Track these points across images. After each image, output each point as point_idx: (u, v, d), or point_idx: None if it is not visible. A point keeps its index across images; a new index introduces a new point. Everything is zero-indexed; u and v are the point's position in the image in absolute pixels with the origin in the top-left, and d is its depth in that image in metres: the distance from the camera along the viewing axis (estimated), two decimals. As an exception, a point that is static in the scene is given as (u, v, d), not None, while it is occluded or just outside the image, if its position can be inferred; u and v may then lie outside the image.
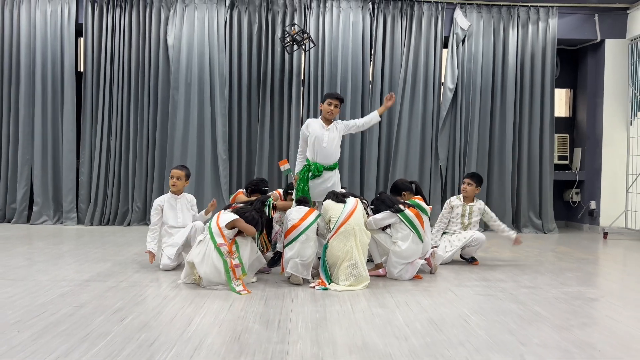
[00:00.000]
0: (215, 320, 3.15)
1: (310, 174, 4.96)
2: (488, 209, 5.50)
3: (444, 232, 5.43)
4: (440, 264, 5.04)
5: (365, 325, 3.12)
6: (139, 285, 4.00)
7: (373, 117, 5.19)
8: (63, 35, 7.58)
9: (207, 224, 4.16)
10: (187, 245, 4.58)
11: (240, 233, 4.11)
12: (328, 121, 5.03)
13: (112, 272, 4.43)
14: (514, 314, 3.45)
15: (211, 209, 4.91)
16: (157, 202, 4.77)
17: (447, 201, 5.53)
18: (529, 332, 3.07)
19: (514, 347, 2.81)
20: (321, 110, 5.05)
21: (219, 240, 3.96)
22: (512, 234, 5.40)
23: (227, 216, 4.08)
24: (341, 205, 4.33)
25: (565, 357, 2.67)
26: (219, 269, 3.91)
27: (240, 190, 5.23)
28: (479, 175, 5.53)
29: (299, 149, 5.11)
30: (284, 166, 5.21)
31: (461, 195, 5.45)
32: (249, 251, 4.13)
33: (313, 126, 4.96)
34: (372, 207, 4.62)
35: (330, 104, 4.92)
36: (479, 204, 5.43)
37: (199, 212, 4.98)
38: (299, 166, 5.03)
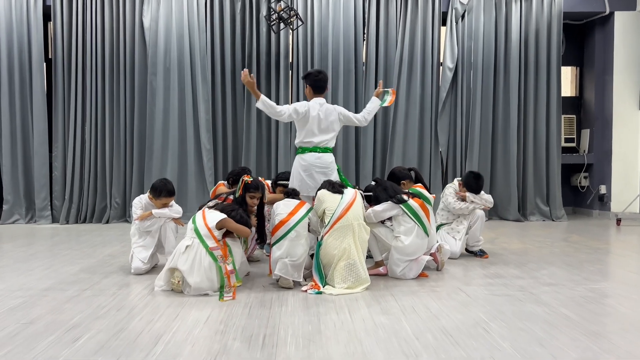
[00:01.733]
0: (188, 338, 2.64)
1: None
2: (482, 192, 4.91)
3: (440, 225, 4.86)
4: (453, 259, 4.56)
5: (367, 339, 2.62)
6: (105, 294, 3.47)
7: (374, 102, 4.58)
8: (30, 19, 7.00)
9: (191, 226, 3.55)
10: (159, 246, 4.08)
11: (228, 234, 3.59)
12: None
13: (77, 278, 3.91)
14: (539, 319, 2.95)
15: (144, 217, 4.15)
16: (138, 202, 4.16)
17: (448, 191, 4.86)
18: (562, 343, 2.57)
19: (548, 364, 2.31)
20: (306, 94, 4.50)
21: (211, 243, 3.45)
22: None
23: (215, 215, 3.56)
24: (338, 196, 3.81)
25: (613, 377, 2.18)
26: (211, 277, 3.41)
27: (221, 182, 4.70)
28: (480, 179, 4.82)
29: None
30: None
31: (457, 186, 4.88)
32: (240, 254, 3.65)
33: (311, 108, 4.36)
34: (369, 194, 4.09)
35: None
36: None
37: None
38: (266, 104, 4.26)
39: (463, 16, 7.29)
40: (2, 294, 3.46)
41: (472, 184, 4.76)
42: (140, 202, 4.16)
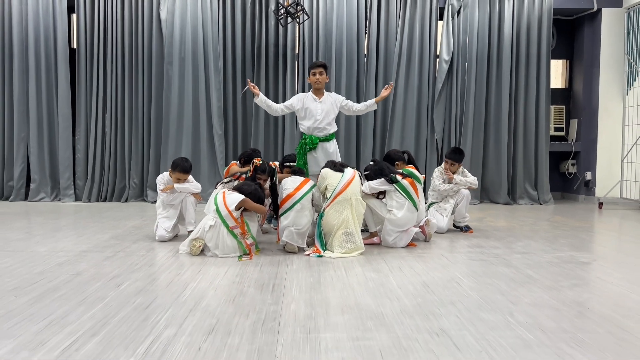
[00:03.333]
0: (211, 285, 3.19)
1: (307, 147, 5.06)
2: (466, 171, 5.44)
3: (431, 203, 5.41)
4: (440, 233, 5.10)
5: (358, 288, 3.17)
6: (136, 255, 4.04)
7: (370, 105, 5.27)
8: (55, 11, 7.52)
9: (213, 205, 4.04)
10: (181, 218, 4.64)
11: (245, 210, 4.12)
12: (319, 92, 5.10)
13: (109, 243, 4.47)
14: (505, 277, 3.50)
15: (166, 190, 4.68)
16: (160, 177, 4.72)
17: (437, 174, 5.41)
18: (519, 293, 3.11)
19: (503, 306, 2.85)
20: (310, 83, 5.14)
21: (231, 223, 3.97)
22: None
23: (234, 197, 4.04)
24: (339, 174, 4.36)
25: (554, 315, 2.71)
26: (234, 250, 3.98)
27: (234, 162, 5.25)
28: (461, 153, 5.37)
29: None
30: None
31: (441, 168, 5.40)
32: (256, 227, 4.19)
33: (307, 99, 5.08)
34: (367, 172, 4.64)
35: (314, 74, 5.07)
36: (460, 172, 5.41)
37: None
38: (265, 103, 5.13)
39: (459, 11, 7.76)
40: (47, 254, 4.02)
41: (452, 155, 5.34)
42: (162, 179, 4.71)
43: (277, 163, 5.27)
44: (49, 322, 2.49)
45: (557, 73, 8.74)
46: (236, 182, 4.44)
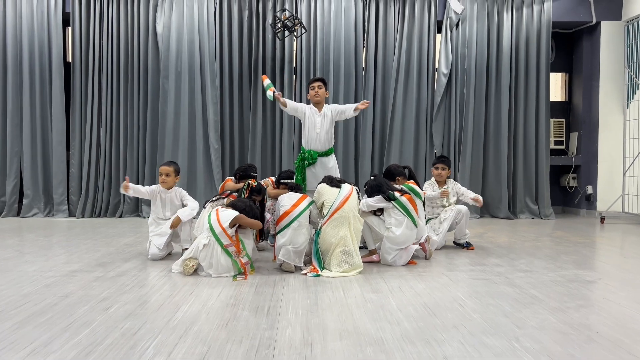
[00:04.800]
0: (203, 308, 3.07)
1: (305, 162, 5.00)
2: (462, 189, 5.39)
3: (428, 219, 5.31)
4: (435, 249, 4.99)
5: (357, 311, 3.05)
6: (127, 275, 3.91)
7: (348, 108, 5.19)
8: (50, 24, 7.45)
9: (206, 224, 3.93)
10: (175, 236, 4.52)
11: (240, 227, 4.01)
12: (319, 106, 5.09)
13: (100, 262, 4.35)
14: (509, 297, 3.38)
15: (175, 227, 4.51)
16: (152, 188, 4.68)
17: (428, 188, 5.37)
18: (524, 315, 2.99)
19: (508, 329, 2.73)
20: (309, 99, 5.13)
21: (225, 241, 3.85)
22: (473, 195, 5.31)
23: (228, 213, 3.92)
24: (336, 190, 4.25)
25: (562, 339, 2.60)
26: (229, 269, 3.86)
27: (229, 177, 5.14)
28: (448, 158, 5.46)
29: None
30: (266, 81, 5.29)
31: (433, 180, 5.37)
32: (251, 245, 4.06)
33: (309, 111, 5.07)
34: (365, 188, 4.53)
35: (312, 88, 5.06)
36: (452, 185, 5.35)
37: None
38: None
39: (457, 25, 7.71)
40: (35, 274, 3.89)
41: (440, 159, 5.37)
42: (153, 189, 4.66)
43: (273, 179, 5.19)
44: (31, 350, 2.37)
45: (556, 86, 8.69)
46: (225, 200, 4.32)
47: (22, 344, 2.44)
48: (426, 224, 5.17)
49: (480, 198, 5.27)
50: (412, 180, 4.75)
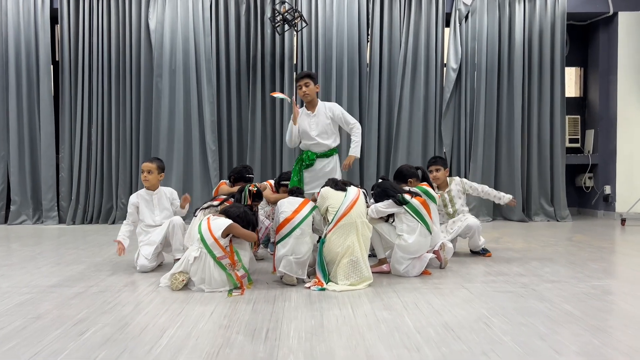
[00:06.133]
0: (192, 331, 2.67)
1: (302, 163, 4.57)
2: (469, 183, 4.94)
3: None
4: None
5: (369, 334, 2.64)
6: (111, 290, 3.52)
7: (351, 129, 4.67)
8: (37, 22, 7.10)
9: (196, 234, 3.54)
10: (166, 245, 4.12)
11: (234, 236, 3.60)
12: (311, 105, 4.61)
13: (83, 275, 3.95)
14: (541, 314, 2.97)
15: (185, 203, 4.41)
16: (132, 199, 4.30)
17: None
18: (563, 337, 2.58)
19: (548, 356, 2.33)
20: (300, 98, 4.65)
21: (218, 252, 3.43)
22: (506, 197, 4.94)
23: (220, 222, 3.51)
24: (341, 194, 3.84)
25: (614, 369, 2.19)
26: (223, 284, 3.46)
27: (223, 180, 4.75)
28: (442, 158, 5.00)
29: None
30: (278, 95, 4.83)
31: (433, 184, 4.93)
32: (248, 256, 3.64)
33: (302, 116, 4.60)
34: (372, 192, 4.13)
35: (299, 87, 4.53)
36: (456, 184, 4.92)
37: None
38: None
39: (466, 17, 7.32)
40: (9, 290, 3.50)
41: (434, 159, 5.02)
42: (136, 198, 4.32)
43: (271, 182, 4.79)
44: (-19, 391, 1.97)
45: (570, 81, 8.28)
46: (219, 207, 3.92)
47: (-29, 383, 2.05)
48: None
49: (513, 199, 4.93)
50: (425, 183, 4.34)
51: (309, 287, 3.57)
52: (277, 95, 4.86)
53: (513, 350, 2.41)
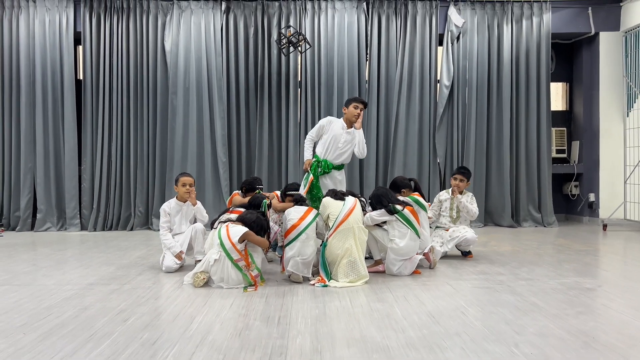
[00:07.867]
0: (217, 319, 3.22)
1: (320, 170, 5.10)
2: (473, 205, 5.42)
3: (436, 227, 5.48)
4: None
5: (363, 319, 3.19)
6: (142, 287, 4.07)
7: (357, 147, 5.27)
8: (62, 44, 7.67)
9: (216, 239, 4.07)
10: (189, 249, 4.67)
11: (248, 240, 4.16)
12: (350, 125, 5.15)
13: (115, 275, 4.50)
14: (510, 305, 3.51)
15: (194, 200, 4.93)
16: (165, 209, 4.82)
17: (437, 195, 5.60)
18: (524, 322, 3.12)
19: (509, 336, 2.87)
20: (344, 112, 5.18)
21: (235, 256, 3.99)
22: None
23: (238, 229, 4.07)
24: (340, 202, 4.40)
25: (560, 345, 2.73)
26: (240, 282, 4.01)
27: (236, 191, 5.29)
28: (468, 170, 5.54)
29: (308, 135, 5.31)
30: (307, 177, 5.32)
31: (450, 189, 5.49)
32: (260, 257, 4.21)
33: (335, 125, 5.13)
34: (369, 201, 4.67)
35: (356, 107, 5.10)
36: (467, 197, 5.44)
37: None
38: (307, 152, 5.22)
39: (458, 38, 7.87)
40: (54, 287, 4.05)
41: (460, 170, 5.52)
42: (169, 205, 4.83)
43: (277, 193, 5.33)
44: (57, 360, 2.52)
45: (557, 96, 8.83)
46: (233, 217, 4.46)
47: (48, 355, 2.59)
48: (434, 230, 5.36)
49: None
50: (417, 193, 4.89)
51: (314, 284, 4.12)
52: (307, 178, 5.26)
53: (481, 332, 2.95)
